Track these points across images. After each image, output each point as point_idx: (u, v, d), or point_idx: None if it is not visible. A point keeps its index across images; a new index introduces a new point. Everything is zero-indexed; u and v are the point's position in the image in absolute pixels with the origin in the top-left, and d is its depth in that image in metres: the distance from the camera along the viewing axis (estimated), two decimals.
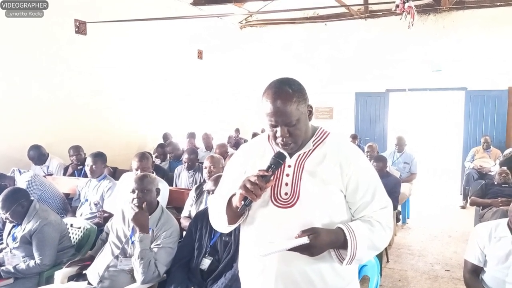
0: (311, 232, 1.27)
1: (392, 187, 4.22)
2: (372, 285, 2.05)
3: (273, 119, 1.34)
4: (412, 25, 4.59)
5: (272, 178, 1.35)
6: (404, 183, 5.31)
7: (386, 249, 4.23)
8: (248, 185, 1.30)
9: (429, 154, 9.98)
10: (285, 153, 1.40)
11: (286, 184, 1.39)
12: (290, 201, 1.37)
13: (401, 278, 3.85)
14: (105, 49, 6.15)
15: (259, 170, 1.33)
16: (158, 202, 2.64)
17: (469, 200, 6.58)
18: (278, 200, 1.39)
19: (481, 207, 4.42)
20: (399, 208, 5.22)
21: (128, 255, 2.48)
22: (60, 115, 5.40)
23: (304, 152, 1.42)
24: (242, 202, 1.32)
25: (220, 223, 1.48)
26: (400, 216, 5.52)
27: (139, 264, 2.34)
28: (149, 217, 2.49)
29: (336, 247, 1.33)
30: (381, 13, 8.19)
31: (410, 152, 6.20)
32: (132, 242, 2.48)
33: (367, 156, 5.52)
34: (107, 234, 2.74)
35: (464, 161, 7.12)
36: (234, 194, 1.37)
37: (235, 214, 1.40)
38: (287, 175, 1.40)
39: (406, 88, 8.34)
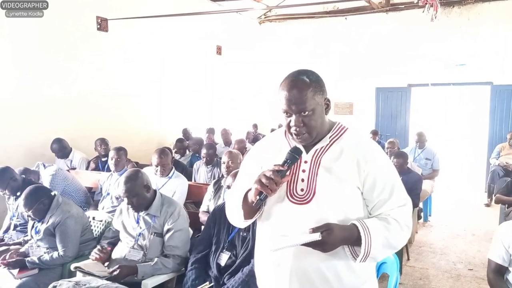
0: (324, 228, 1.26)
1: (413, 184, 4.13)
2: (391, 283, 2.02)
3: (287, 107, 1.32)
4: (435, 17, 4.49)
5: (288, 173, 1.34)
6: (426, 180, 5.20)
7: (406, 246, 4.16)
8: (264, 180, 1.28)
9: (452, 150, 9.73)
10: (302, 148, 1.38)
11: (302, 180, 1.37)
12: (306, 197, 1.35)
13: (422, 276, 3.78)
14: (125, 46, 6.23)
15: (275, 165, 1.32)
16: (154, 191, 2.68)
17: (494, 198, 6.42)
18: (294, 196, 1.37)
19: (506, 205, 4.29)
20: (421, 205, 5.12)
21: (140, 246, 2.56)
22: (82, 111, 5.51)
23: (322, 147, 1.40)
24: (257, 197, 1.31)
25: (236, 217, 1.48)
26: (422, 214, 5.42)
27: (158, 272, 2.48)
28: (151, 207, 2.59)
29: (350, 243, 1.31)
30: (403, 6, 8.01)
31: (431, 148, 6.06)
32: (140, 234, 2.57)
33: (387, 152, 5.43)
34: (107, 238, 2.81)
35: (489, 158, 6.92)
36: (250, 189, 1.37)
37: (251, 209, 1.39)
38: (303, 171, 1.38)
39: (429, 82, 8.15)
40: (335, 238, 1.26)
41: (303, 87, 1.31)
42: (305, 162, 1.39)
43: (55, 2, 4.86)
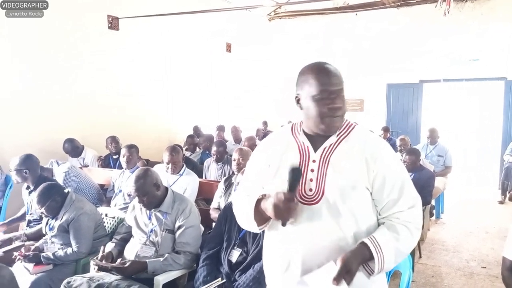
0: (344, 269, 1.22)
1: (426, 181, 4.08)
2: (404, 281, 2.01)
3: (328, 87, 1.29)
4: (448, 12, 4.42)
5: (296, 192, 1.30)
6: (438, 176, 5.14)
7: (418, 244, 4.12)
8: (278, 212, 1.26)
9: (465, 146, 9.60)
10: (311, 151, 1.37)
11: (311, 180, 1.35)
12: (315, 197, 1.34)
13: (435, 274, 3.74)
14: (135, 44, 6.28)
15: (284, 195, 1.25)
16: (165, 188, 2.71)
17: (507, 195, 6.32)
18: (303, 197, 1.35)
19: None
20: (433, 202, 5.07)
21: (152, 243, 2.58)
22: (94, 109, 5.57)
23: (330, 145, 1.37)
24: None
25: (249, 226, 1.45)
26: (434, 211, 5.36)
27: (168, 268, 2.49)
28: (162, 204, 2.61)
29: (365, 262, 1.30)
30: (414, 1, 7.91)
31: (443, 145, 5.99)
32: (152, 231, 2.59)
33: (399, 150, 5.39)
34: (120, 233, 2.83)
35: (503, 155, 6.81)
36: (262, 197, 1.34)
37: (263, 216, 1.37)
38: (312, 170, 1.36)
39: (441, 78, 8.04)
40: (355, 271, 1.25)
41: (333, 71, 1.33)
42: (314, 161, 1.37)
43: (64, 2, 4.93)
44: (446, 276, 3.70)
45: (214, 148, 4.58)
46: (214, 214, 3.28)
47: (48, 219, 2.94)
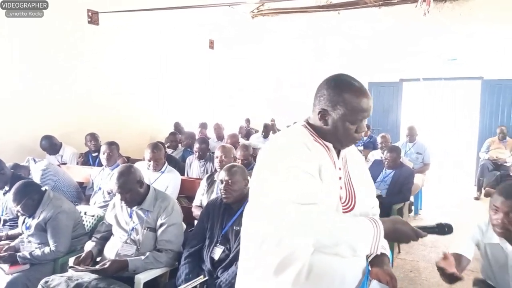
0: (395, 281, 1.35)
1: (406, 178, 4.16)
2: None
3: (366, 114, 1.31)
4: (428, 12, 4.50)
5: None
6: (417, 174, 5.24)
7: None
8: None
9: (443, 144, 9.84)
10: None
11: (341, 188, 1.36)
12: (349, 205, 1.35)
13: (413, 269, 3.83)
14: (116, 40, 6.19)
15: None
16: (147, 185, 2.68)
17: (483, 192, 6.51)
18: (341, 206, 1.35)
19: None
20: (412, 199, 5.17)
21: (133, 241, 2.55)
22: (73, 106, 5.48)
23: (345, 154, 1.43)
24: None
25: (361, 246, 1.23)
26: (413, 207, 5.47)
27: (150, 267, 2.46)
28: (144, 201, 2.58)
29: None
30: (395, 0, 8.01)
31: (422, 142, 6.11)
32: (133, 229, 2.56)
33: (380, 147, 5.48)
34: (100, 232, 2.77)
35: (479, 152, 7.01)
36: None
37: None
38: (340, 178, 1.37)
39: (421, 77, 8.21)
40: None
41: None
42: (339, 169, 1.38)
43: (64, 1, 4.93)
44: (424, 271, 3.78)
45: (196, 145, 4.56)
46: (196, 212, 3.27)
47: (25, 218, 2.87)
